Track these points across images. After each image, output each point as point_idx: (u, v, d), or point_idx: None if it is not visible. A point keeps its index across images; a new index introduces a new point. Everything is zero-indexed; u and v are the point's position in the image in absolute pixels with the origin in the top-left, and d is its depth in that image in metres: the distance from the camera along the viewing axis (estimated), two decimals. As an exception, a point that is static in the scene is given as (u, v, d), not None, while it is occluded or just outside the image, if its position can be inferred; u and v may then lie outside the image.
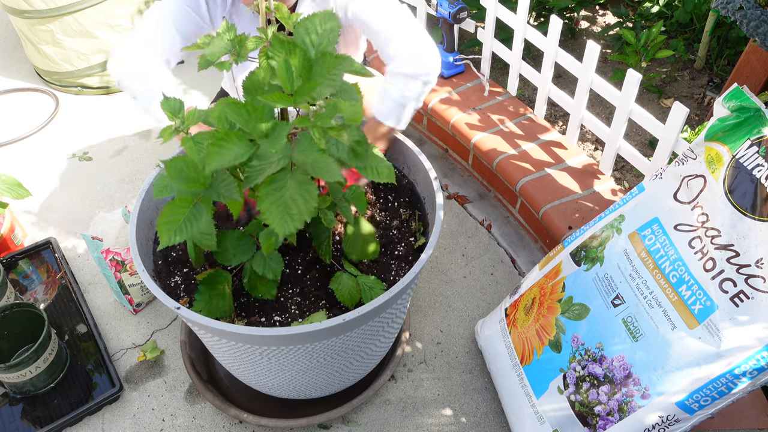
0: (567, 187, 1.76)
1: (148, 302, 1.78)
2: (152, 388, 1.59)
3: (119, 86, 1.43)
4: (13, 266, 1.85)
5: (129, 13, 2.39)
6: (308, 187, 0.93)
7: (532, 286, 1.43)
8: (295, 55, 0.91)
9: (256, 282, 1.19)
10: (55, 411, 1.52)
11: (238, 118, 0.90)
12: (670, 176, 1.20)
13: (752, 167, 1.05)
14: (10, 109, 2.52)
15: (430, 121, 2.17)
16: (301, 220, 0.93)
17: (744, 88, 1.09)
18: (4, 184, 1.39)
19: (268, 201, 0.93)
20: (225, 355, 1.25)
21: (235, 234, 1.17)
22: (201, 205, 0.97)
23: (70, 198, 2.12)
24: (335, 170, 0.91)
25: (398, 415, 1.53)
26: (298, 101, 0.89)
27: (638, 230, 1.21)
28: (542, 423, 1.30)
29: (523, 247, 1.91)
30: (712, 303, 1.05)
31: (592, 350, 1.22)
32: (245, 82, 1.01)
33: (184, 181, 0.96)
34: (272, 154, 0.92)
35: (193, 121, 1.00)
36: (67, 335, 1.68)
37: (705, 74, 2.25)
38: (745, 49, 1.76)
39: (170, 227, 0.94)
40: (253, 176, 0.92)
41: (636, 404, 1.13)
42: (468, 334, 1.69)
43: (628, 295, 1.19)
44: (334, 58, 0.93)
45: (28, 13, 2.26)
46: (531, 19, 2.35)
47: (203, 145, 0.96)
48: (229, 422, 1.52)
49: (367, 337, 1.23)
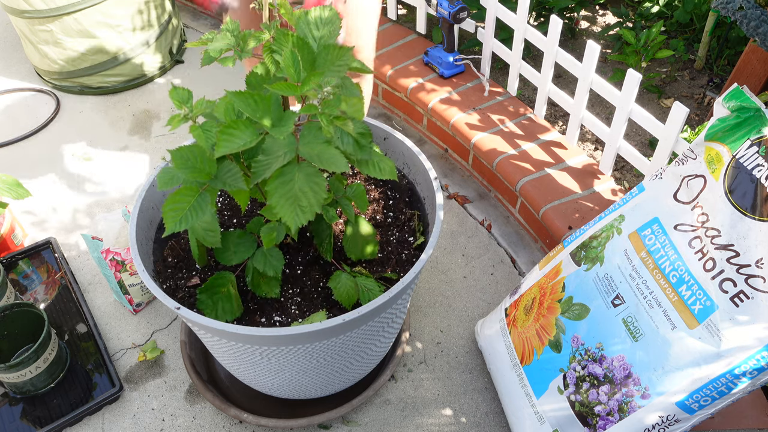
0: (567, 187, 1.76)
1: (148, 302, 1.78)
2: (152, 388, 1.59)
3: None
4: (13, 266, 1.85)
5: (129, 13, 2.39)
6: (316, 179, 0.95)
7: (532, 286, 1.43)
8: (299, 48, 0.92)
9: (259, 280, 1.19)
10: (55, 411, 1.52)
11: (246, 107, 0.91)
12: (670, 176, 1.20)
13: (752, 167, 1.05)
14: (10, 109, 2.52)
15: (430, 121, 2.17)
16: (312, 212, 0.94)
17: (744, 88, 1.09)
18: (4, 184, 1.39)
19: (278, 194, 0.94)
20: (225, 355, 1.25)
21: (236, 233, 1.18)
22: (207, 195, 0.97)
23: (70, 198, 2.12)
24: (341, 161, 0.92)
25: (398, 415, 1.53)
26: (305, 90, 0.89)
27: (638, 230, 1.21)
28: (542, 423, 1.30)
29: (523, 247, 1.91)
30: (712, 303, 1.05)
31: (592, 350, 1.22)
32: (248, 77, 1.01)
33: (190, 170, 0.96)
34: (278, 148, 0.93)
35: (201, 110, 1.00)
36: (67, 335, 1.68)
37: (705, 74, 2.25)
38: (745, 49, 1.76)
39: (176, 215, 0.94)
40: (261, 171, 0.93)
41: (636, 404, 1.13)
42: (468, 334, 1.69)
43: (628, 295, 1.19)
44: (338, 49, 0.94)
45: (28, 13, 2.25)
46: (531, 19, 2.35)
47: (212, 133, 0.97)
48: (229, 422, 1.52)
49: (367, 337, 1.23)
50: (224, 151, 0.91)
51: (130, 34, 2.44)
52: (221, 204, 1.41)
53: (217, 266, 1.27)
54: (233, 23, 1.05)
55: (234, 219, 1.37)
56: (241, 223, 1.36)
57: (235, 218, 1.38)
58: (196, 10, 3.05)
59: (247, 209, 1.38)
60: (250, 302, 1.22)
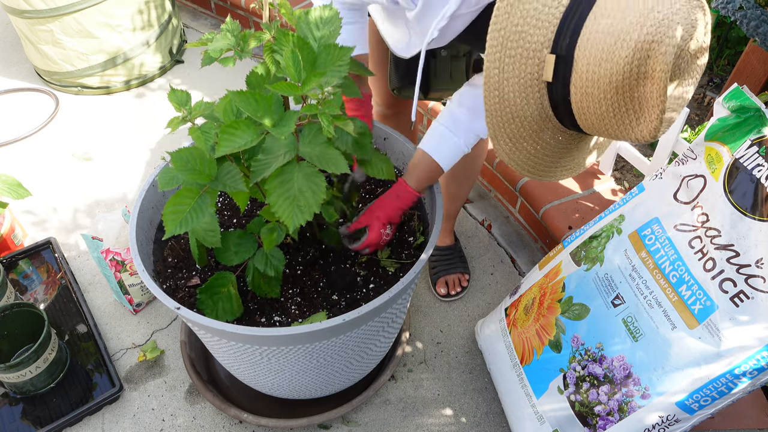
0: (567, 187, 1.76)
1: (148, 302, 1.78)
2: (152, 388, 1.59)
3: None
4: (13, 266, 1.85)
5: (129, 13, 2.39)
6: (316, 179, 0.95)
7: (532, 286, 1.43)
8: (300, 48, 0.92)
9: (259, 281, 1.19)
10: (55, 411, 1.52)
11: (247, 107, 0.91)
12: (670, 176, 1.20)
13: (752, 167, 1.05)
14: (10, 109, 2.52)
15: (430, 121, 2.17)
16: (310, 212, 0.94)
17: (744, 88, 1.09)
18: (4, 184, 1.39)
19: (276, 194, 0.94)
20: (225, 355, 1.25)
21: (236, 233, 1.18)
22: (207, 196, 0.97)
23: (70, 198, 2.12)
24: (341, 162, 0.93)
25: (398, 415, 1.53)
26: (306, 90, 0.89)
27: (638, 230, 1.21)
28: (542, 423, 1.30)
29: (523, 247, 1.91)
30: (712, 303, 1.05)
31: (592, 350, 1.22)
32: (248, 77, 1.01)
33: (190, 172, 0.96)
34: (278, 148, 0.93)
35: (200, 112, 1.00)
36: (67, 335, 1.68)
37: (705, 74, 2.25)
38: (745, 49, 1.76)
39: (176, 217, 0.95)
40: (260, 170, 0.93)
41: (636, 404, 1.13)
42: (468, 334, 1.69)
43: (628, 295, 1.19)
44: (339, 49, 0.94)
45: (28, 13, 2.25)
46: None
47: (211, 134, 0.97)
48: (229, 422, 1.52)
49: (367, 337, 1.23)
50: (225, 151, 0.91)
51: (130, 34, 2.44)
52: (221, 204, 1.41)
53: (217, 266, 1.27)
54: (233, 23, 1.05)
55: (234, 219, 1.37)
56: (241, 223, 1.36)
57: (235, 218, 1.38)
58: (197, 10, 3.05)
59: (247, 209, 1.38)
60: (250, 302, 1.22)
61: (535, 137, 0.99)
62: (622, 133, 0.91)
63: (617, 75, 0.84)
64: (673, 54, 0.80)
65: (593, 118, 0.91)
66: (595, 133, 0.96)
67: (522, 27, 0.90)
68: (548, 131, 0.99)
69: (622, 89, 0.85)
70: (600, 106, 0.88)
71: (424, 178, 1.25)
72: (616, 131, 0.91)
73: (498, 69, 0.93)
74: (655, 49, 0.80)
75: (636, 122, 0.89)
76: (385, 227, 1.24)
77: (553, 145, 1.02)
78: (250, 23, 2.77)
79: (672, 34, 0.80)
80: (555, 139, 1.01)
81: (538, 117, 0.96)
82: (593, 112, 0.90)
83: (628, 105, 0.87)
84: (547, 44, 0.90)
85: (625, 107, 0.88)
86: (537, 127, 0.98)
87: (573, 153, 1.08)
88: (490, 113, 0.96)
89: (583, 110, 0.91)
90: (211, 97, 2.51)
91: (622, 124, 0.90)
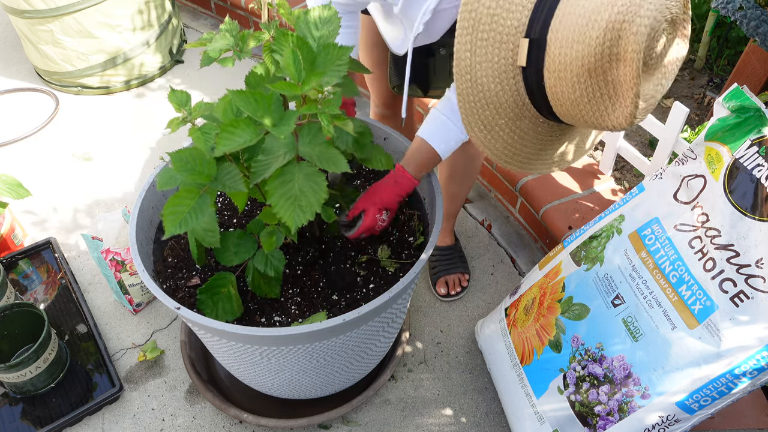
0: (567, 187, 1.76)
1: (148, 302, 1.78)
2: (152, 388, 1.59)
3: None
4: (13, 266, 1.85)
5: (129, 13, 2.39)
6: (316, 179, 0.95)
7: (532, 286, 1.43)
8: (299, 47, 0.92)
9: (259, 281, 1.19)
10: (55, 411, 1.52)
11: (247, 106, 0.91)
12: (670, 176, 1.20)
13: (752, 167, 1.05)
14: (10, 109, 2.52)
15: (430, 121, 2.16)
16: (311, 212, 0.94)
17: (744, 88, 1.09)
18: (4, 184, 1.39)
19: (278, 194, 0.94)
20: (225, 355, 1.25)
21: (236, 233, 1.18)
22: (206, 197, 0.97)
23: (70, 198, 2.12)
24: (341, 161, 0.93)
25: (398, 415, 1.53)
26: (305, 90, 0.89)
27: (638, 230, 1.21)
28: (542, 423, 1.30)
29: (523, 247, 1.91)
30: (712, 303, 1.05)
31: (592, 350, 1.22)
32: (248, 77, 1.01)
33: (189, 172, 0.96)
34: (278, 148, 0.93)
35: (199, 112, 1.00)
36: (67, 335, 1.68)
37: (705, 74, 2.24)
38: (745, 49, 1.76)
39: (175, 217, 0.95)
40: (260, 171, 0.93)
41: (636, 404, 1.13)
42: (468, 334, 1.69)
43: (628, 295, 1.19)
44: (338, 49, 0.94)
45: (28, 13, 2.25)
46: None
47: (211, 135, 0.97)
48: (229, 422, 1.52)
49: (367, 337, 1.23)
50: (224, 150, 0.91)
51: (130, 34, 2.44)
52: (221, 204, 1.41)
53: (217, 266, 1.27)
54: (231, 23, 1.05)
55: (234, 219, 1.37)
56: (241, 224, 1.36)
57: (235, 218, 1.38)
58: (197, 10, 3.05)
59: (246, 209, 1.38)
60: (250, 302, 1.22)
61: (512, 126, 0.97)
62: (597, 120, 0.89)
63: (589, 57, 0.81)
64: (645, 35, 0.77)
65: (568, 103, 0.88)
66: (570, 121, 0.93)
67: (494, 10, 0.88)
68: (526, 120, 0.97)
69: (595, 72, 0.82)
70: (574, 90, 0.86)
71: (423, 164, 1.24)
72: (591, 118, 0.89)
73: (470, 52, 0.90)
74: (626, 29, 0.77)
75: (611, 108, 0.86)
76: (381, 212, 1.22)
77: (533, 136, 1.00)
78: (250, 23, 2.77)
79: (644, 13, 0.76)
80: (534, 129, 0.99)
81: (514, 104, 0.94)
82: (567, 97, 0.87)
83: (602, 89, 0.84)
84: (522, 29, 0.87)
85: (599, 92, 0.85)
86: (514, 115, 0.95)
87: (555, 146, 1.06)
88: (462, 98, 0.94)
89: (557, 96, 0.88)
90: (211, 97, 2.51)
91: (597, 110, 0.87)
